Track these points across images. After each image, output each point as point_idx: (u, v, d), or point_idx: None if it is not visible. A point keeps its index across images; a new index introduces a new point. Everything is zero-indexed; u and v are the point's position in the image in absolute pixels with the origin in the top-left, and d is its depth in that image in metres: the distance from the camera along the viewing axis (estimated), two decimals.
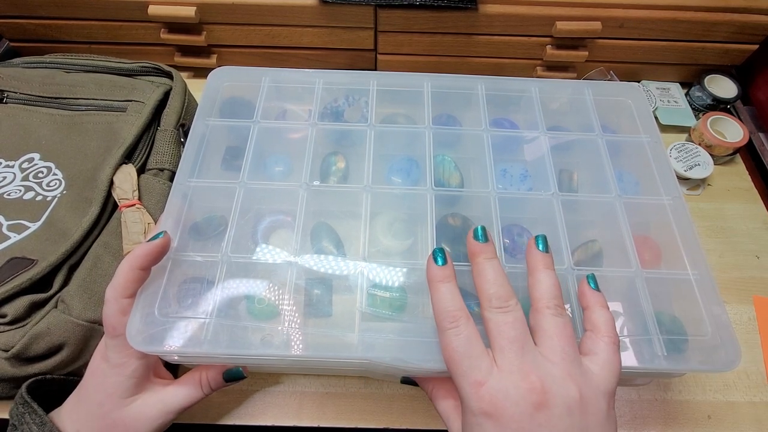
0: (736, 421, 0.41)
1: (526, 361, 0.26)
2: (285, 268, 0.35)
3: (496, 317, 0.28)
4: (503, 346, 0.27)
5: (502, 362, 0.26)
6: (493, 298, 0.28)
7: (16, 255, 0.38)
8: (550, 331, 0.28)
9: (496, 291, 0.29)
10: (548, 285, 0.29)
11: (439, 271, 0.30)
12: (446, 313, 0.28)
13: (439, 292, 0.30)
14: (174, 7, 0.54)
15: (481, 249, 0.31)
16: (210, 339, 0.32)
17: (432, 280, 0.30)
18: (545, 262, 0.31)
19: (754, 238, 0.52)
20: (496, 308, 0.28)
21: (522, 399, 0.25)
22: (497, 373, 0.26)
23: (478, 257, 0.31)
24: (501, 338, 0.27)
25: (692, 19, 0.55)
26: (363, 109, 0.45)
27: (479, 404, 0.26)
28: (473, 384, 0.26)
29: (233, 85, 0.45)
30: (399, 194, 0.40)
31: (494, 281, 0.29)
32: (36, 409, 0.32)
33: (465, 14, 0.54)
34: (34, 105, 0.48)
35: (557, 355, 0.27)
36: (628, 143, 0.44)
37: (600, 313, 0.30)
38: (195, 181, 0.39)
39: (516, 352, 0.26)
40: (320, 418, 0.40)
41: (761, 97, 0.61)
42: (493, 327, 0.28)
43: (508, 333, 0.27)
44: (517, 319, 0.28)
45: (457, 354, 0.27)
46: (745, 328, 0.46)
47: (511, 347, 0.27)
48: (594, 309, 0.30)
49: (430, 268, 0.31)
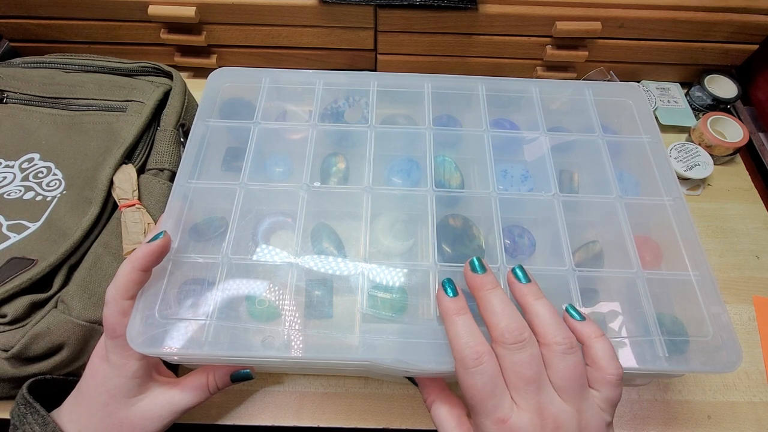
0: (736, 421, 0.41)
1: (542, 400, 0.27)
2: (285, 270, 0.35)
3: (511, 356, 0.27)
4: (520, 387, 0.27)
5: (521, 401, 0.27)
6: (505, 333, 0.28)
7: (16, 255, 0.38)
8: (563, 373, 0.28)
9: (508, 325, 0.28)
10: (548, 317, 0.29)
11: (453, 304, 0.30)
12: (468, 350, 0.28)
13: (456, 325, 0.29)
14: (174, 7, 0.54)
15: (482, 281, 0.30)
16: (210, 341, 0.32)
17: (447, 313, 0.30)
18: (533, 292, 0.30)
19: (754, 238, 0.52)
20: (511, 344, 0.28)
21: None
22: (517, 411, 0.27)
23: (480, 291, 0.30)
24: (518, 379, 0.27)
25: (692, 19, 0.55)
26: (363, 110, 0.45)
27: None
28: (497, 422, 0.27)
29: (233, 85, 0.45)
30: (399, 195, 0.40)
31: (503, 313, 0.29)
32: (38, 409, 0.32)
33: (465, 14, 0.54)
34: (34, 105, 0.47)
35: (568, 394, 0.27)
36: (628, 143, 0.44)
37: (598, 346, 0.29)
38: (195, 182, 0.39)
39: (533, 393, 0.27)
40: (320, 418, 0.40)
41: (761, 97, 0.61)
42: (509, 366, 0.27)
43: (525, 374, 0.27)
44: (532, 356, 0.28)
45: (483, 394, 0.27)
46: (745, 328, 0.46)
47: (528, 388, 0.27)
48: (591, 345, 0.29)
49: (442, 300, 0.30)
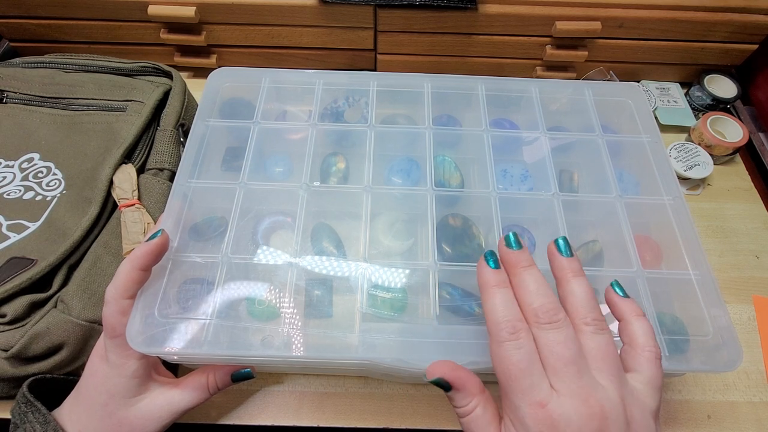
0: (736, 421, 0.41)
1: (584, 384, 0.25)
2: (285, 269, 0.35)
3: (546, 335, 0.26)
4: (559, 368, 0.25)
5: (560, 385, 0.25)
6: (539, 313, 0.26)
7: (15, 255, 0.38)
8: (595, 352, 0.26)
9: (543, 304, 0.27)
10: (582, 297, 0.27)
11: (494, 275, 0.28)
12: (505, 322, 0.26)
13: (495, 297, 0.27)
14: (174, 7, 0.54)
15: (517, 258, 0.29)
16: (210, 340, 0.32)
17: (486, 284, 0.28)
18: (573, 268, 0.28)
19: (753, 238, 0.52)
20: (545, 324, 0.26)
21: (584, 425, 0.24)
22: (557, 397, 0.25)
23: (515, 268, 0.28)
24: (555, 360, 0.25)
25: (692, 19, 0.55)
26: (363, 110, 0.45)
27: (539, 427, 0.24)
28: (534, 404, 0.25)
29: (233, 85, 0.45)
30: (399, 195, 0.40)
31: (537, 292, 0.27)
32: (39, 408, 0.32)
33: (465, 14, 0.54)
34: (33, 105, 0.47)
35: (607, 378, 0.25)
36: (628, 143, 0.44)
37: (637, 324, 0.28)
38: (195, 182, 0.39)
39: (573, 375, 0.25)
40: (320, 417, 0.40)
41: (761, 97, 0.61)
42: (545, 347, 0.26)
43: (563, 354, 0.25)
44: (568, 337, 0.26)
45: (517, 370, 0.25)
46: (745, 327, 0.46)
47: (568, 370, 0.25)
48: (629, 320, 0.28)
49: (483, 271, 0.29)
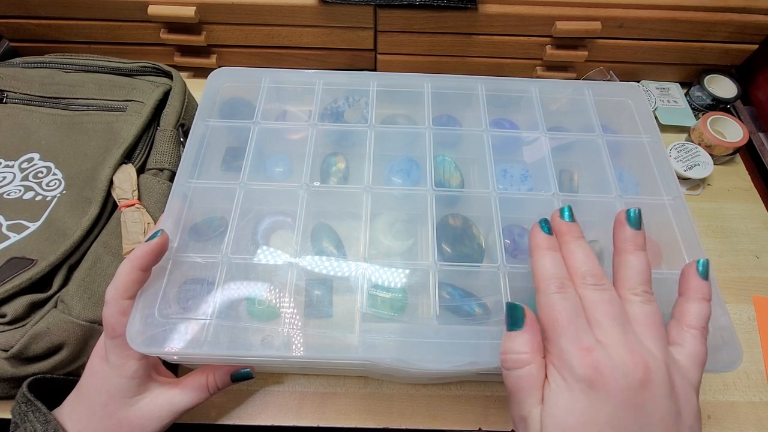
0: (736, 421, 0.41)
1: (629, 339, 0.25)
2: (285, 269, 0.35)
3: (592, 294, 0.27)
4: (603, 322, 0.26)
5: (605, 337, 0.25)
6: (587, 276, 0.27)
7: (15, 255, 0.38)
8: (641, 319, 0.26)
9: (590, 269, 0.27)
10: (639, 268, 0.28)
11: (546, 240, 0.29)
12: (555, 278, 0.27)
13: (545, 257, 0.28)
14: (174, 7, 0.54)
15: (569, 228, 0.30)
16: (210, 340, 0.32)
17: (537, 246, 0.29)
18: (636, 242, 0.29)
19: (753, 238, 0.52)
20: (591, 285, 0.27)
21: (630, 372, 0.24)
22: (602, 346, 0.25)
23: (565, 236, 0.30)
24: (601, 314, 0.26)
25: (692, 19, 0.55)
26: (363, 110, 0.45)
27: (585, 370, 0.24)
28: (581, 349, 0.25)
29: (233, 85, 0.45)
30: (399, 195, 0.40)
31: (585, 260, 0.28)
32: (39, 407, 0.32)
33: (465, 14, 0.54)
34: (33, 105, 0.47)
35: (651, 341, 0.26)
36: (628, 143, 0.44)
37: (697, 306, 0.28)
38: (195, 182, 0.39)
39: (618, 329, 0.25)
40: (320, 417, 0.40)
41: (761, 97, 0.61)
42: (591, 303, 0.26)
43: (609, 310, 0.26)
44: (613, 298, 0.27)
45: (564, 317, 0.26)
46: (745, 327, 0.46)
47: (613, 323, 0.25)
48: (691, 299, 0.28)
49: (536, 234, 0.30)
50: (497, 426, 0.40)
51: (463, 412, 0.41)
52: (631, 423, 0.24)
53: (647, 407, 0.24)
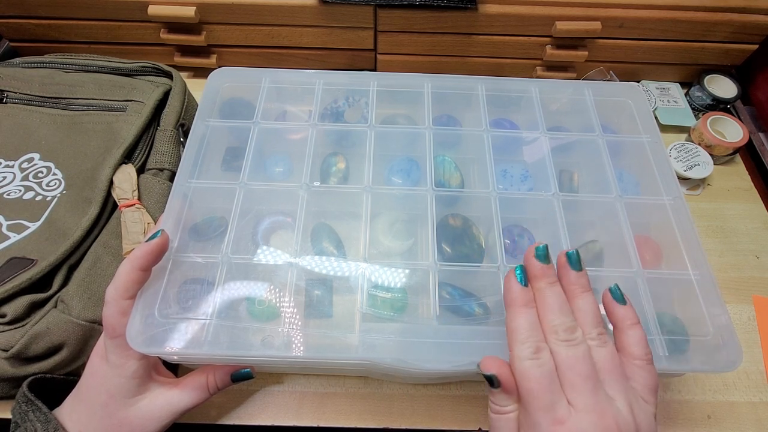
0: (736, 421, 0.41)
1: (600, 400, 0.26)
2: (285, 269, 0.35)
3: (566, 351, 0.27)
4: (576, 383, 0.26)
5: (577, 401, 0.26)
6: (559, 330, 0.27)
7: (15, 255, 0.38)
8: (600, 365, 0.27)
9: (563, 321, 0.27)
10: (588, 312, 0.28)
11: (522, 294, 0.29)
12: (529, 342, 0.27)
13: (520, 317, 0.28)
14: (174, 7, 0.54)
15: (543, 272, 0.29)
16: (210, 340, 0.32)
17: (513, 302, 0.29)
18: (582, 284, 0.29)
19: (753, 238, 0.52)
20: (564, 341, 0.27)
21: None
22: (575, 413, 0.25)
23: (540, 281, 0.29)
24: (573, 374, 0.26)
25: (692, 19, 0.55)
26: (363, 110, 0.45)
27: None
28: (554, 422, 0.25)
29: (233, 85, 0.45)
30: (399, 195, 0.40)
31: (560, 311, 0.28)
32: (40, 407, 0.32)
33: (465, 14, 0.54)
34: (33, 105, 0.47)
35: (615, 389, 0.26)
36: (628, 143, 0.44)
37: (630, 333, 0.29)
38: (195, 182, 0.39)
39: (590, 391, 0.26)
40: (320, 417, 0.40)
41: (761, 97, 0.61)
42: (563, 361, 0.27)
43: (581, 369, 0.26)
44: (585, 354, 0.27)
45: (540, 386, 0.26)
46: (745, 327, 0.46)
47: (585, 385, 0.26)
48: (622, 329, 0.29)
49: (513, 288, 0.29)
50: None
51: (463, 412, 0.41)
52: None
53: None
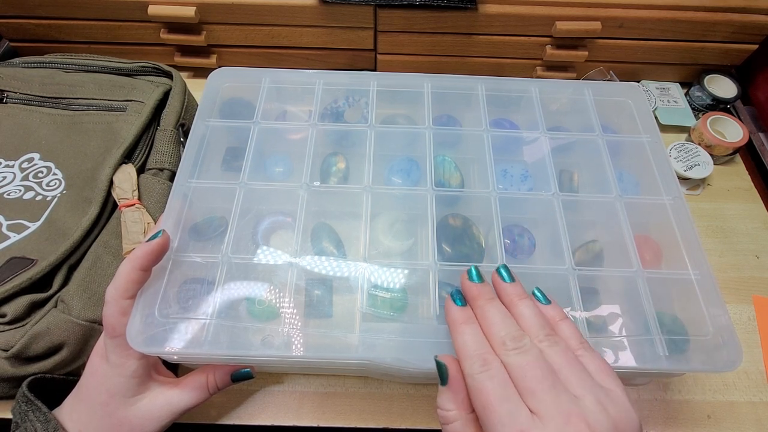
0: (736, 421, 0.41)
1: (562, 401, 0.24)
2: (285, 269, 0.35)
3: (515, 359, 0.26)
4: (533, 388, 0.25)
5: (538, 407, 0.24)
6: (507, 341, 0.27)
7: (15, 255, 0.38)
8: (559, 364, 0.26)
9: (508, 332, 0.27)
10: (530, 317, 0.29)
11: (461, 313, 0.29)
12: (476, 357, 0.27)
13: (464, 334, 0.28)
14: (174, 7, 0.54)
15: (479, 291, 0.30)
16: (210, 340, 0.32)
17: (454, 322, 0.29)
18: (517, 293, 0.30)
19: (753, 238, 0.52)
20: (513, 350, 0.26)
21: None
22: (538, 422, 0.24)
23: (478, 300, 0.30)
24: (528, 380, 0.25)
25: (692, 19, 0.55)
26: (363, 110, 0.45)
27: None
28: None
29: (233, 85, 0.45)
30: (399, 195, 0.40)
31: (503, 323, 0.28)
32: (40, 407, 0.32)
33: (465, 14, 0.54)
34: (33, 105, 0.47)
35: (580, 387, 0.25)
36: (628, 143, 0.44)
37: (563, 327, 0.29)
38: (195, 182, 0.39)
39: (549, 393, 0.25)
40: (320, 417, 0.40)
41: (761, 97, 0.61)
42: (515, 369, 0.26)
43: (535, 373, 0.25)
44: (537, 357, 0.26)
45: (494, 398, 0.25)
46: (745, 327, 0.46)
47: (542, 387, 0.25)
48: (557, 326, 0.29)
49: (451, 309, 0.30)
50: None
51: None
52: None
53: None
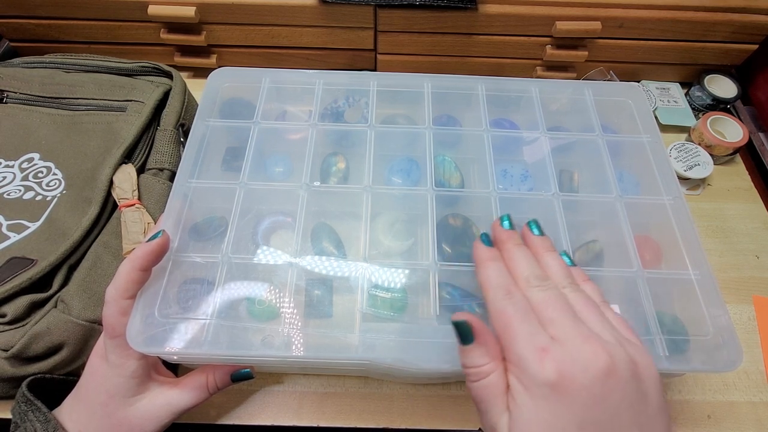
0: (736, 421, 0.41)
1: (582, 329, 0.25)
2: (285, 269, 0.35)
3: (539, 294, 0.27)
4: (554, 317, 0.26)
5: (558, 332, 0.25)
6: (531, 278, 0.28)
7: (15, 255, 0.38)
8: (579, 306, 0.27)
9: (533, 271, 0.28)
10: (556, 266, 0.30)
11: (488, 251, 0.30)
12: (500, 287, 0.28)
13: (489, 268, 0.29)
14: (174, 7, 0.54)
15: (509, 235, 0.31)
16: (210, 340, 0.32)
17: (481, 259, 0.30)
18: (545, 245, 0.31)
19: (754, 238, 0.52)
20: (536, 286, 0.28)
21: (591, 364, 0.24)
22: (557, 343, 0.25)
23: (507, 243, 0.31)
24: (549, 310, 0.26)
25: (692, 19, 0.55)
26: (363, 110, 0.45)
27: (544, 374, 0.24)
28: (537, 350, 0.24)
29: (233, 85, 0.45)
30: (399, 195, 0.40)
31: (528, 264, 0.29)
32: (39, 407, 0.32)
33: (465, 14, 0.54)
34: (33, 105, 0.47)
35: (599, 325, 0.26)
36: (628, 143, 0.44)
37: (587, 287, 0.30)
38: (195, 182, 0.39)
39: (570, 320, 0.26)
40: (320, 417, 0.40)
41: (761, 97, 0.61)
42: (539, 303, 0.27)
43: (557, 305, 0.26)
44: (559, 294, 0.27)
45: (515, 319, 0.26)
46: (745, 327, 0.46)
47: (563, 316, 0.26)
48: (581, 285, 0.30)
49: (479, 248, 0.31)
50: None
51: (463, 412, 0.41)
52: (598, 416, 0.23)
53: (613, 395, 0.23)
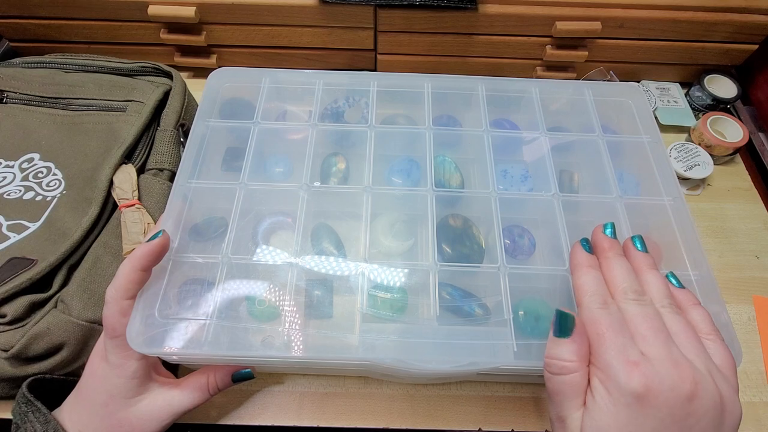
0: None
1: (674, 352, 0.26)
2: (285, 270, 0.35)
3: (635, 308, 0.27)
4: (647, 334, 0.26)
5: (649, 350, 0.26)
6: (629, 291, 0.28)
7: (15, 255, 0.38)
8: (675, 328, 0.27)
9: (631, 284, 0.29)
10: (657, 285, 0.30)
11: (587, 258, 0.31)
12: (597, 295, 0.28)
13: (588, 275, 0.29)
14: (174, 7, 0.54)
15: (611, 244, 0.31)
16: (210, 340, 0.32)
17: (579, 264, 0.30)
18: (648, 263, 0.31)
19: (754, 238, 0.52)
20: (633, 300, 0.28)
21: (676, 386, 0.24)
22: (649, 360, 0.25)
23: (608, 252, 0.31)
24: (644, 328, 0.26)
25: (692, 19, 0.55)
26: (363, 110, 0.45)
27: (632, 384, 0.25)
28: (628, 363, 0.25)
29: (233, 85, 0.45)
30: (399, 195, 0.40)
31: (627, 276, 0.29)
32: (39, 407, 0.32)
33: (465, 14, 0.54)
34: (33, 105, 0.47)
35: (693, 353, 0.26)
36: (628, 143, 0.44)
37: (695, 312, 0.29)
38: (195, 182, 0.39)
39: (662, 341, 0.26)
40: (320, 418, 0.40)
41: (761, 97, 0.61)
42: (633, 317, 0.27)
43: (652, 324, 0.27)
44: (655, 312, 0.27)
45: (610, 330, 0.26)
46: (745, 328, 0.46)
47: (657, 336, 0.26)
48: (688, 309, 0.30)
49: (577, 253, 0.31)
50: (497, 426, 0.40)
51: (463, 412, 0.41)
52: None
53: (691, 418, 0.25)
